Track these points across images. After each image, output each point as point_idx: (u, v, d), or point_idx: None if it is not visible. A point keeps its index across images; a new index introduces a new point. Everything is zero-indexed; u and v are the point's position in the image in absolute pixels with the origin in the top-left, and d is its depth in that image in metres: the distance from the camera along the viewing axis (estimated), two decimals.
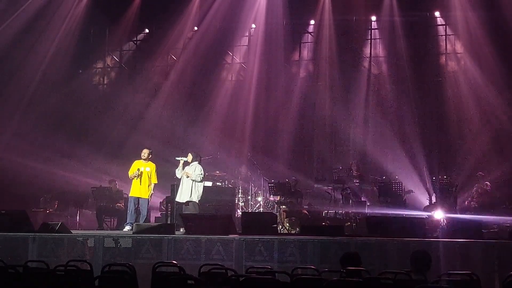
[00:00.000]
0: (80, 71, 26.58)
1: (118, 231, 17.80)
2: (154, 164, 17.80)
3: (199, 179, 17.33)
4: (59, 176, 22.53)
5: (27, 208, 19.80)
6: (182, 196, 17.30)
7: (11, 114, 24.07)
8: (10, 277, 9.18)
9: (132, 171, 17.53)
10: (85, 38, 26.26)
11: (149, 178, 17.59)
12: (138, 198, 17.49)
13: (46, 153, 23.52)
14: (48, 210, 21.58)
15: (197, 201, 17.32)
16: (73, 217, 21.43)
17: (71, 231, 15.68)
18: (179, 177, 17.55)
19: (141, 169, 17.48)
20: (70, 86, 25.40)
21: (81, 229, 19.23)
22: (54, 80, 25.04)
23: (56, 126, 24.21)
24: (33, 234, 14.31)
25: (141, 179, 17.45)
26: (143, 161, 17.66)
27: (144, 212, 17.66)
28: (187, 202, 17.21)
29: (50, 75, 24.86)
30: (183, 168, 17.42)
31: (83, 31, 25.77)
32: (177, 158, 17.62)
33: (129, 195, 17.71)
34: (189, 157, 17.58)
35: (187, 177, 17.24)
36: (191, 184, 17.24)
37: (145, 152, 17.67)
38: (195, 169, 17.35)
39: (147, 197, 17.65)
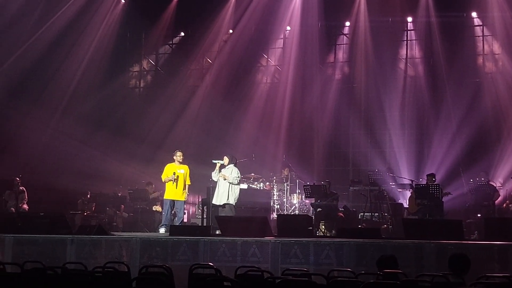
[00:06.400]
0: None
1: (155, 233, 17.91)
2: (187, 166, 17.80)
3: (236, 182, 17.37)
4: (97, 178, 22.74)
5: (65, 211, 20.09)
6: (219, 198, 17.33)
7: (49, 118, 24.37)
8: (49, 278, 9.28)
9: (166, 175, 17.46)
10: (121, 42, 26.54)
11: (184, 180, 17.61)
12: (174, 200, 17.52)
13: (83, 155, 23.80)
14: (86, 213, 21.79)
15: (234, 204, 17.35)
16: (111, 219, 21.61)
17: (108, 233, 15.83)
18: (216, 180, 17.59)
19: (177, 172, 17.46)
20: (107, 90, 25.66)
21: (118, 231, 19.38)
22: (91, 83, 25.35)
23: (93, 129, 24.46)
24: (71, 236, 14.47)
25: (177, 182, 17.46)
26: (177, 163, 17.64)
27: (180, 214, 17.69)
28: (224, 205, 17.26)
29: (87, 79, 25.19)
30: (220, 171, 17.46)
31: (120, 35, 26.07)
32: (214, 161, 17.66)
33: (165, 197, 17.65)
34: (225, 160, 17.62)
35: (224, 179, 17.27)
36: (228, 187, 17.27)
37: (180, 155, 17.65)
38: (232, 172, 17.39)
39: (183, 199, 17.69)
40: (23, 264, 10.35)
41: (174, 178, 17.26)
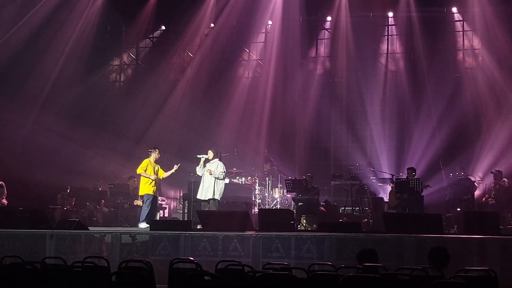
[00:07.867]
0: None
1: (135, 227, 17.85)
2: None
3: (221, 177, 17.33)
4: (77, 172, 22.60)
5: (45, 206, 19.95)
6: (204, 193, 17.26)
7: (28, 111, 24.17)
8: (28, 273, 9.21)
9: (142, 169, 17.40)
10: (101, 35, 26.33)
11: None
12: (154, 196, 17.47)
13: (63, 149, 23.62)
14: (66, 207, 21.65)
15: (219, 199, 17.32)
16: (91, 214, 21.48)
17: (88, 228, 15.75)
18: (200, 175, 17.53)
19: (156, 169, 17.45)
20: (87, 83, 25.49)
21: (98, 226, 19.29)
22: (70, 77, 25.14)
23: (73, 123, 24.26)
24: (50, 231, 14.38)
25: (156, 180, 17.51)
26: (154, 160, 17.56)
27: (156, 209, 17.81)
28: (209, 200, 17.21)
29: (66, 73, 24.96)
30: (204, 165, 17.41)
31: (100, 28, 25.84)
32: (198, 156, 17.61)
33: (146, 193, 17.48)
34: (210, 154, 17.55)
35: (210, 174, 17.20)
36: (213, 182, 17.21)
37: (158, 153, 17.62)
38: (217, 167, 17.33)
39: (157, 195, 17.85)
40: (2, 259, 10.26)
41: (157, 178, 17.28)
